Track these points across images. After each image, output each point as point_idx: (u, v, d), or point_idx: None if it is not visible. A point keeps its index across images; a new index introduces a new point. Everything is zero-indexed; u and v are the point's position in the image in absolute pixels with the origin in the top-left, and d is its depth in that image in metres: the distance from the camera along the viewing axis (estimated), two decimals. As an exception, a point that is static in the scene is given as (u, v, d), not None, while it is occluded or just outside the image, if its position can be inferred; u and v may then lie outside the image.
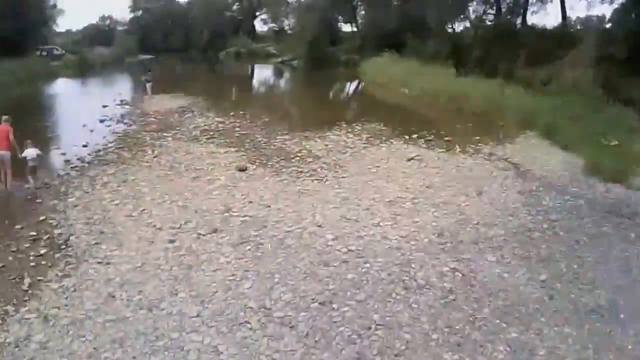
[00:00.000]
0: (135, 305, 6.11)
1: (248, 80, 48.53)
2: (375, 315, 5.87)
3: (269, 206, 9.70)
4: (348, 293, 6.36)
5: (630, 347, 5.38)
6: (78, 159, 13.85)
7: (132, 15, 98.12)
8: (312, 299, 6.18)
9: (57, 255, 7.72)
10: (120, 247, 7.93)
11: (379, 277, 6.81)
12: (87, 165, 13.29)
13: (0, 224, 9.08)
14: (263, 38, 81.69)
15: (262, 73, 53.30)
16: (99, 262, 7.40)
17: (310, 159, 13.65)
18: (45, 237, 8.43)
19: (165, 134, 16.95)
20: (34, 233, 8.58)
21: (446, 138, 16.02)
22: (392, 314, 5.90)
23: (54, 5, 61.28)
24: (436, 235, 8.35)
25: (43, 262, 7.47)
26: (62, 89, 38.77)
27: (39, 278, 6.95)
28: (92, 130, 18.10)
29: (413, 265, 7.20)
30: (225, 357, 5.09)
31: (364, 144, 15.50)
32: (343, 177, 11.90)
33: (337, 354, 5.18)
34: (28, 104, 28.06)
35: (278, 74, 51.54)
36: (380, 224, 8.89)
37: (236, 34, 76.05)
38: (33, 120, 20.32)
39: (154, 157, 13.85)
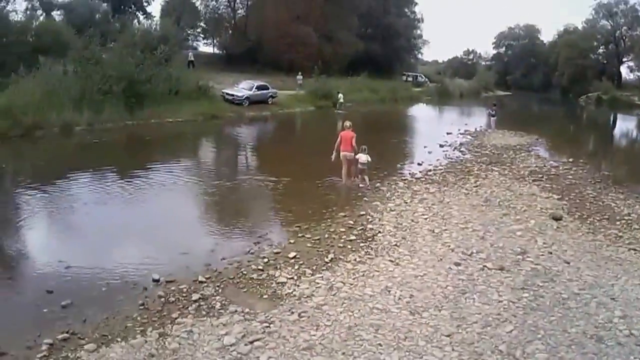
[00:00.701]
0: (402, 305, 6.78)
1: (606, 129, 43.91)
2: None
3: (568, 263, 8.97)
4: None
5: None
6: (409, 174, 15.71)
7: (494, 51, 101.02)
8: (570, 371, 5.64)
9: (361, 245, 9.13)
10: (413, 254, 8.76)
11: None
12: (414, 180, 14.81)
13: (330, 209, 11.24)
14: (629, 86, 72.68)
15: (624, 124, 47.20)
16: (391, 261, 8.40)
17: (637, 227, 11.77)
18: (359, 228, 10.03)
19: (493, 168, 17.21)
20: (352, 222, 10.31)
21: None
22: None
23: (420, 36, 68.91)
24: None
25: (349, 246, 8.99)
26: (418, 112, 43.01)
27: (340, 257, 8.44)
28: (430, 152, 19.93)
29: None
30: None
31: None
32: None
33: None
34: (385, 120, 32.36)
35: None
36: None
37: (599, 79, 69.39)
38: (386, 134, 23.37)
39: (475, 186, 14.31)
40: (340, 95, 34.35)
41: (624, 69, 79.04)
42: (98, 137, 19.22)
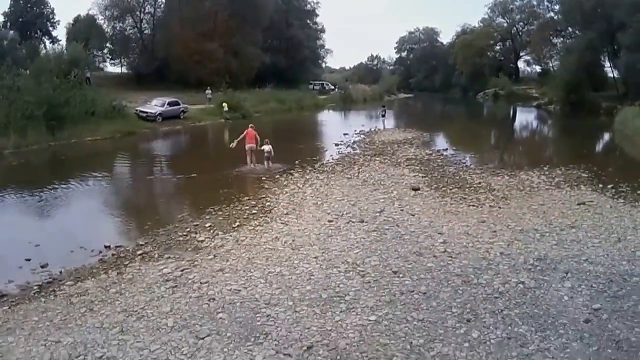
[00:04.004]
0: (287, 246, 9.90)
1: (493, 121, 49.95)
2: (423, 287, 8.13)
3: (414, 215, 12.42)
4: (418, 273, 8.71)
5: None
6: (305, 168, 18.83)
7: (397, 56, 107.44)
8: (391, 269, 8.87)
9: (261, 215, 12.21)
10: (299, 218, 11.92)
11: (452, 271, 8.77)
12: (308, 171, 18.02)
13: (238, 195, 14.30)
14: (526, 80, 79.98)
15: (521, 116, 53.43)
16: (282, 223, 11.51)
17: (483, 191, 15.29)
18: (259, 206, 13.12)
19: (376, 159, 20.82)
20: (254, 203, 13.41)
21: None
22: (437, 292, 8.04)
23: (323, 46, 73.68)
24: (535, 259, 9.40)
25: (251, 217, 12.06)
26: (322, 119, 46.78)
27: (244, 224, 11.47)
28: (326, 151, 23.38)
29: (489, 272, 8.76)
30: (314, 278, 8.34)
31: (550, 186, 15.96)
32: (500, 208, 13.32)
33: (383, 291, 7.87)
34: (291, 128, 35.75)
35: (532, 118, 51.11)
36: (494, 243, 10.53)
37: (497, 76, 75.98)
38: (291, 140, 26.56)
39: (357, 173, 17.72)
40: (225, 105, 37.09)
41: (521, 64, 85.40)
42: (25, 158, 20.88)
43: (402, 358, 6.22)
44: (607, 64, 52.31)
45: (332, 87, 70.31)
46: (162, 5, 52.44)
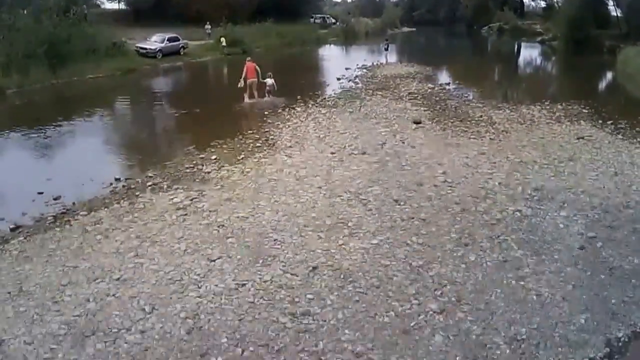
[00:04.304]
0: (291, 176, 10.20)
1: (498, 55, 49.17)
2: (422, 214, 8.51)
3: (415, 147, 12.61)
4: (418, 201, 9.05)
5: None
6: (307, 102, 18.81)
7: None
8: (392, 197, 9.19)
9: (264, 148, 12.46)
10: (302, 151, 12.15)
11: (450, 199, 9.18)
12: (310, 106, 18.01)
13: (241, 131, 14.41)
14: (531, 14, 77.79)
15: (525, 52, 52.42)
16: (285, 155, 11.78)
17: (484, 124, 15.44)
18: (263, 139, 13.33)
19: (378, 93, 20.73)
20: (257, 136, 13.62)
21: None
22: (436, 219, 8.40)
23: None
24: (533, 189, 9.71)
25: (255, 149, 12.33)
26: (322, 52, 45.94)
27: (249, 156, 11.71)
28: (328, 85, 23.25)
29: (487, 201, 9.13)
30: (318, 206, 8.69)
31: (550, 120, 16.10)
32: (499, 140, 13.55)
33: (384, 218, 8.22)
34: (291, 63, 35.28)
35: (535, 54, 50.04)
36: (493, 173, 10.80)
37: (502, 9, 73.87)
38: (290, 75, 26.25)
39: (359, 107, 17.70)
40: (223, 39, 36.38)
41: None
42: (28, 97, 20.80)
43: (402, 277, 6.62)
44: (611, 2, 50.62)
45: (334, 21, 68.33)
46: None
